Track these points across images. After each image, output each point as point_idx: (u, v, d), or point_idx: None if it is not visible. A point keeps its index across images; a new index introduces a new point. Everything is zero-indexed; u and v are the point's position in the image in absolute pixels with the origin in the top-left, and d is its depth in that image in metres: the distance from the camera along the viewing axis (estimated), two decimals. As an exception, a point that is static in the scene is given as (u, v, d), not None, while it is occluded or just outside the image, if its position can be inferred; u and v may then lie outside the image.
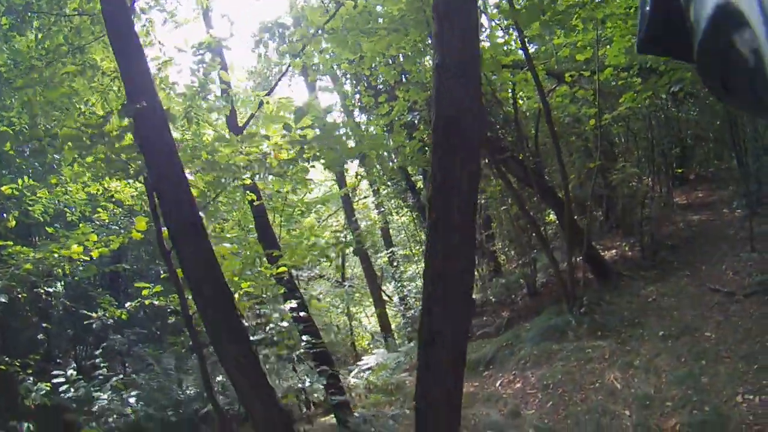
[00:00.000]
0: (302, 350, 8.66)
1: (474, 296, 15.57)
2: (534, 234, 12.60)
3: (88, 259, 6.94)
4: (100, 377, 10.01)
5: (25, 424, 8.10)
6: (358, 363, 14.59)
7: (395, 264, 20.40)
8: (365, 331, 23.61)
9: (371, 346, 20.72)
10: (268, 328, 7.14)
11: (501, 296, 15.40)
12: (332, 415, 9.69)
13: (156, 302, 7.56)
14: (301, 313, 8.21)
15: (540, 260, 14.38)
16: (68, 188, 10.82)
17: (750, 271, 9.66)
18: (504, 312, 14.35)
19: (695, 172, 17.05)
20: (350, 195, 18.61)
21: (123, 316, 7.68)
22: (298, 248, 7.51)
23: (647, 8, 1.02)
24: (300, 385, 8.19)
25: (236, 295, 6.46)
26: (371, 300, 20.84)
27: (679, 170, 16.01)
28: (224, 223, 13.14)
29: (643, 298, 10.67)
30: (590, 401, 8.11)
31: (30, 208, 9.51)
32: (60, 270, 7.45)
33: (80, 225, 7.42)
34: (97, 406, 9.18)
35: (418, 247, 20.13)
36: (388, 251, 21.05)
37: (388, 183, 19.73)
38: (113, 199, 11.44)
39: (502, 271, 16.64)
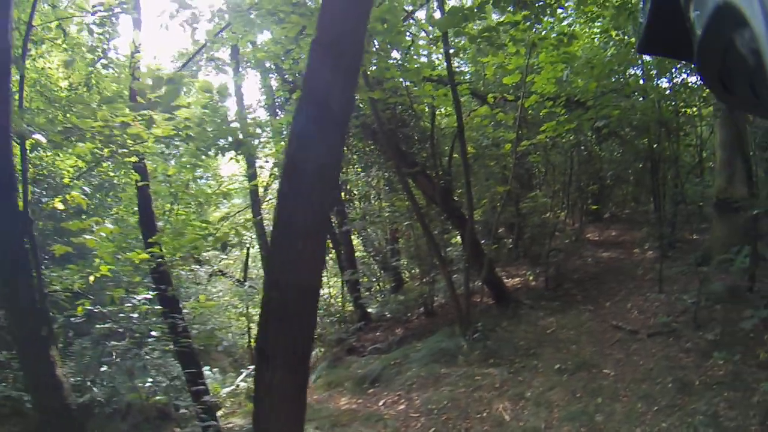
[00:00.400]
0: (153, 347, 8.07)
1: (370, 310, 15.59)
2: (433, 253, 12.22)
3: None
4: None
5: None
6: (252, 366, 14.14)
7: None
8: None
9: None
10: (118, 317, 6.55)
11: (398, 313, 15.06)
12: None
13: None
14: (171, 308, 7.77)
15: (440, 281, 14.03)
16: None
17: (656, 311, 9.53)
18: (398, 329, 14.06)
19: (611, 212, 17.27)
20: (259, 193, 17.77)
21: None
22: (176, 237, 6.87)
23: (648, 8, 0.99)
24: (149, 384, 7.46)
25: (92, 277, 6.05)
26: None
27: (595, 207, 16.03)
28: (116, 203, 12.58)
29: (541, 328, 10.44)
30: (475, 431, 7.63)
31: None
32: None
33: None
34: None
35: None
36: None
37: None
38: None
39: (403, 287, 16.15)
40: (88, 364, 7.86)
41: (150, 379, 8.04)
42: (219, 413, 11.65)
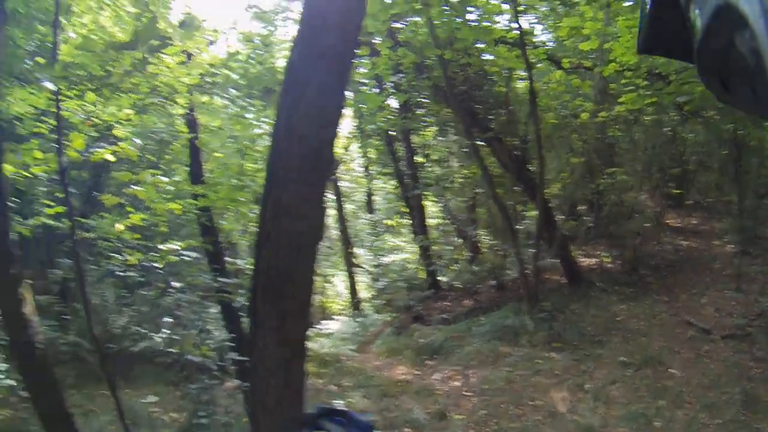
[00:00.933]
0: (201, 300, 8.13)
1: (441, 278, 15.65)
2: (506, 225, 11.77)
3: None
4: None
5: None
6: (317, 326, 14.64)
7: (376, 232, 19.80)
8: (338, 296, 23.37)
9: (343, 311, 20.63)
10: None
11: (468, 284, 14.79)
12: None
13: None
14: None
15: (513, 254, 13.65)
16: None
17: (731, 311, 9.09)
18: (467, 301, 13.84)
19: (693, 198, 16.39)
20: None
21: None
22: (221, 189, 6.77)
23: (647, 8, 0.99)
24: (199, 337, 7.46)
25: (120, 226, 5.97)
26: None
27: (677, 192, 15.13)
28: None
29: (611, 315, 10.05)
30: (526, 420, 7.38)
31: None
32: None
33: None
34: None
35: (400, 219, 19.38)
36: (368, 217, 20.58)
37: (378, 144, 18.70)
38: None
39: (478, 258, 15.81)
40: (147, 314, 7.98)
41: (200, 333, 8.03)
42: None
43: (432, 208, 17.97)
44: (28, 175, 6.47)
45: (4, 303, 4.68)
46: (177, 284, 7.56)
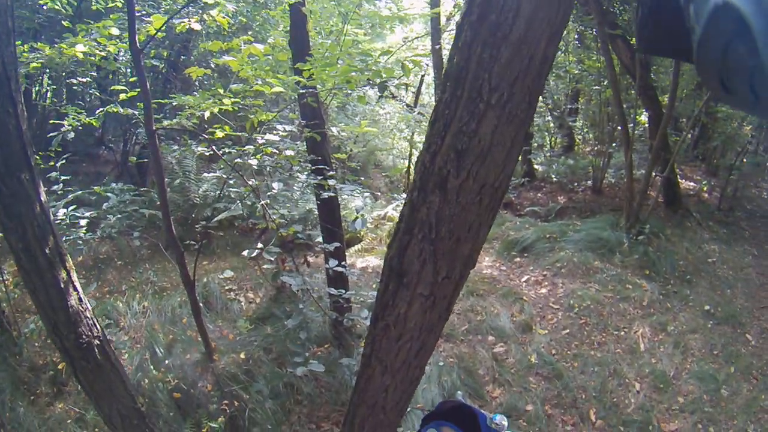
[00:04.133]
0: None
1: (537, 167, 15.37)
2: (620, 128, 11.55)
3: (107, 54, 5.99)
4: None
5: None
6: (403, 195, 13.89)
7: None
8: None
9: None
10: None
11: (563, 178, 14.73)
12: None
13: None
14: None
15: (615, 157, 13.70)
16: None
17: None
18: (560, 197, 13.80)
19: None
20: (440, 20, 16.81)
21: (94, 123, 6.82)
22: (329, 64, 5.95)
23: (647, 8, 1.04)
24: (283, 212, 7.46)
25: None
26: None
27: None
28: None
29: (703, 253, 10.09)
30: (607, 351, 7.66)
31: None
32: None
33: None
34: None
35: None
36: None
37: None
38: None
39: (573, 151, 15.82)
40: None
41: (284, 209, 7.88)
42: (357, 247, 11.77)
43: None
44: (102, 54, 5.87)
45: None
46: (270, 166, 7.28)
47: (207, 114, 5.50)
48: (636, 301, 8.67)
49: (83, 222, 7.75)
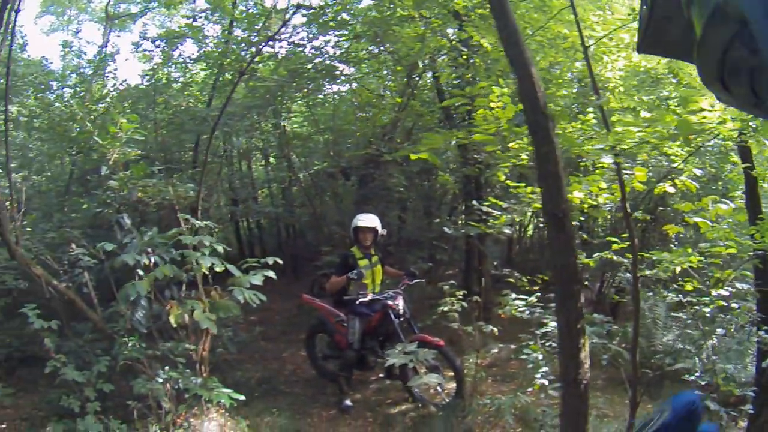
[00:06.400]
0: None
1: None
2: None
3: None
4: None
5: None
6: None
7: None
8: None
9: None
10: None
11: None
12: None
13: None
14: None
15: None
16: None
17: None
18: None
19: None
20: None
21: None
22: None
23: (647, 8, 1.04)
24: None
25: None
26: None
27: None
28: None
29: None
30: None
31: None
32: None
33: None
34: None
35: None
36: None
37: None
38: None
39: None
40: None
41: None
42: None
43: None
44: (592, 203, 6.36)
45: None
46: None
47: (678, 269, 5.74)
48: None
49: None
